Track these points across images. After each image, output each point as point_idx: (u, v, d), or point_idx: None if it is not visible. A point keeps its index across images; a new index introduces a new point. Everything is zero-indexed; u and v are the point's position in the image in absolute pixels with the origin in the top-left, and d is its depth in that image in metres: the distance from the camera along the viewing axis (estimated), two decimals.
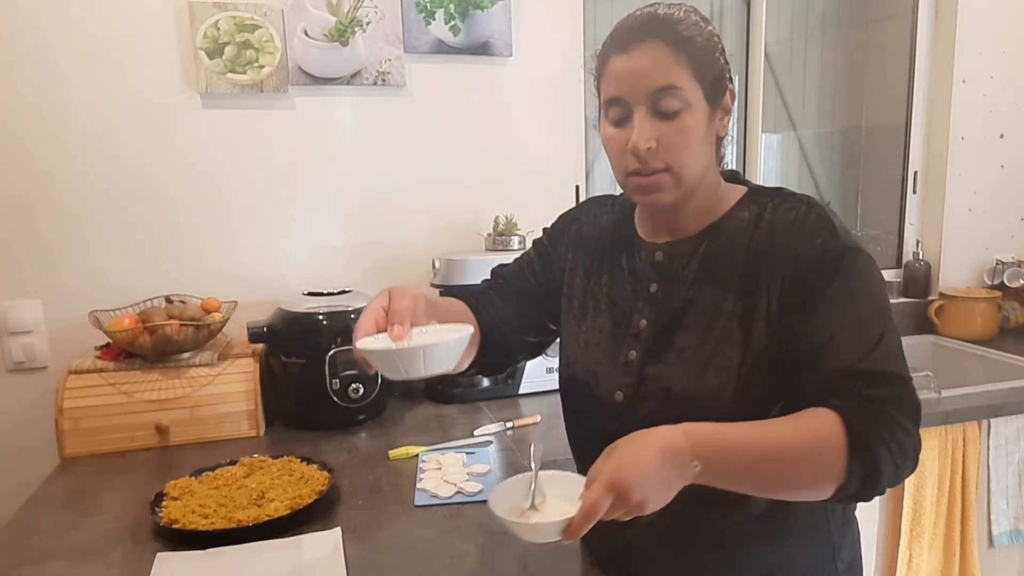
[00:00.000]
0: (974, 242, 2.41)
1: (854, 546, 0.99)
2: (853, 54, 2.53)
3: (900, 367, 0.80)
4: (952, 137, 2.34)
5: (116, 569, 1.01)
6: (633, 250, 0.97)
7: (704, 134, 0.85)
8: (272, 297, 1.69)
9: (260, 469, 1.27)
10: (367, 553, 1.04)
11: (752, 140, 2.34)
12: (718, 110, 0.87)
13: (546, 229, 1.13)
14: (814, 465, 0.75)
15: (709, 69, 0.84)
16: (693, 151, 0.84)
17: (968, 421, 1.68)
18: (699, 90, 0.83)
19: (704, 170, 0.88)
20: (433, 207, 1.89)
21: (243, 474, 1.26)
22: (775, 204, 0.87)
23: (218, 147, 1.73)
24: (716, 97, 0.86)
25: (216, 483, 1.23)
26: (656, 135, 0.82)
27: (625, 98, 0.84)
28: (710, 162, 0.89)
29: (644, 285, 0.94)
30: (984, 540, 1.76)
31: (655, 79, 0.81)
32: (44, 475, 1.36)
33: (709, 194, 0.91)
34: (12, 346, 1.65)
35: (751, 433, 0.76)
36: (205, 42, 1.66)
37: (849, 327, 0.79)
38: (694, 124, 0.83)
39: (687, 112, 0.83)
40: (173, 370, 1.51)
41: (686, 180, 0.85)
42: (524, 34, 1.88)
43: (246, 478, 1.24)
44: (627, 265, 0.97)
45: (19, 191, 1.62)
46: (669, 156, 0.83)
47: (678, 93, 0.82)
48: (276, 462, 1.30)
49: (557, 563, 1.00)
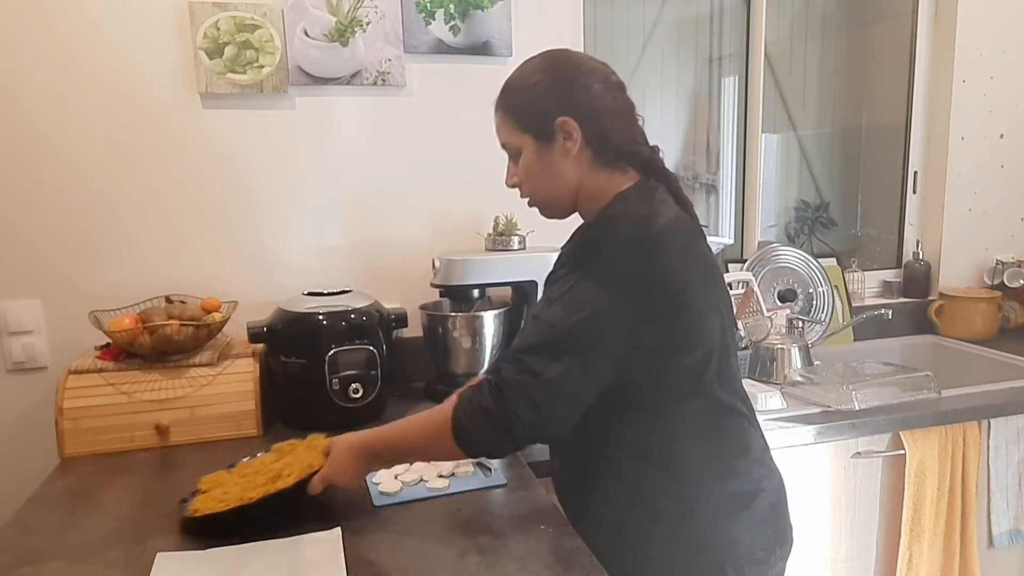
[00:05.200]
0: (974, 242, 2.42)
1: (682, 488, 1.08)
2: (853, 54, 2.53)
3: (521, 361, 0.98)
4: (952, 137, 2.34)
5: (116, 569, 1.01)
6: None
7: (541, 166, 1.07)
8: (272, 297, 1.69)
9: (290, 452, 1.24)
10: (367, 553, 1.04)
11: (752, 140, 2.34)
12: (555, 140, 1.05)
13: None
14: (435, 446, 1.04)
15: (528, 117, 1.06)
16: (537, 181, 1.09)
17: (968, 421, 1.68)
18: (526, 137, 1.07)
19: (567, 187, 1.08)
20: (433, 207, 1.89)
21: (273, 460, 1.23)
22: (607, 209, 1.06)
23: (218, 147, 1.73)
24: (544, 134, 1.05)
25: (246, 471, 1.20)
26: (516, 174, 1.12)
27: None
28: (575, 178, 1.07)
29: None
30: (984, 540, 1.76)
31: (499, 139, 1.12)
32: (44, 475, 1.36)
33: (588, 200, 1.09)
34: (12, 346, 1.65)
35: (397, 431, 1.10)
36: (205, 42, 1.66)
37: (525, 328, 1.03)
38: (528, 162, 1.08)
39: (523, 155, 1.09)
40: (173, 370, 1.51)
41: (548, 201, 1.11)
42: (524, 34, 1.88)
43: (275, 463, 1.21)
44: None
45: (19, 191, 1.62)
46: (526, 188, 1.12)
47: (511, 143, 1.10)
48: (303, 442, 1.25)
49: (557, 563, 1.00)
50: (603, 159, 1.06)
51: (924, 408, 1.67)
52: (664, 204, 1.04)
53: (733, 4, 2.32)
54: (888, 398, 1.69)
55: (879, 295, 2.47)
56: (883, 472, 1.68)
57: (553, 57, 1.08)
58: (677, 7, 2.32)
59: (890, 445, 1.66)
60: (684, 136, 2.44)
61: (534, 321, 1.01)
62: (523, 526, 1.10)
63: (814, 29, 2.47)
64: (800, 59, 2.47)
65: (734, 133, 2.39)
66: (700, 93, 2.40)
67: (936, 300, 2.34)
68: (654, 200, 1.04)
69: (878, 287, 2.49)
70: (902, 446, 1.63)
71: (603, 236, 1.02)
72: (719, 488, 1.05)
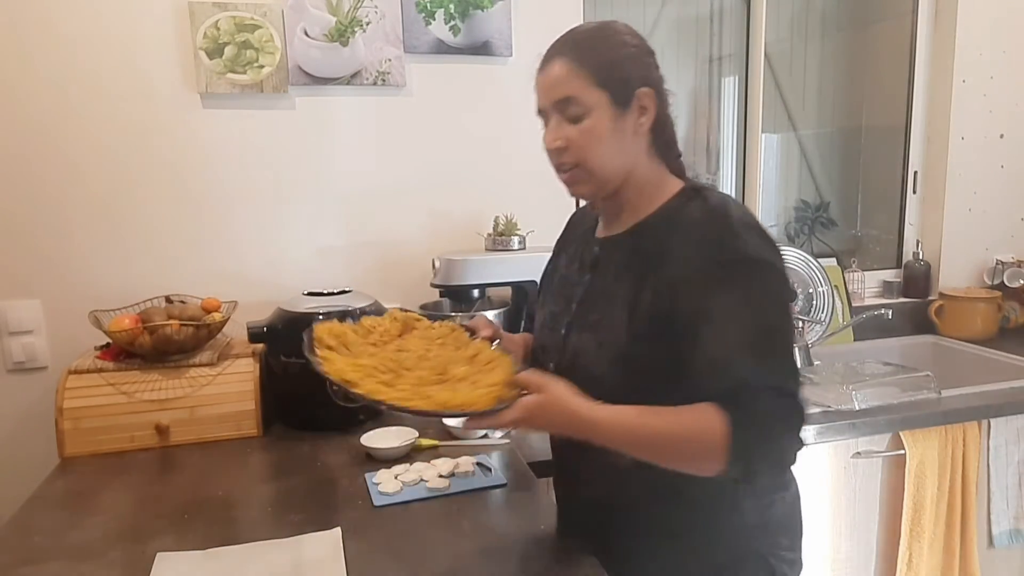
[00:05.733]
0: (974, 242, 2.41)
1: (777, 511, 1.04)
2: (853, 54, 2.53)
3: (789, 381, 0.88)
4: (952, 137, 2.34)
5: (116, 569, 1.01)
6: (588, 244, 1.11)
7: (612, 134, 0.96)
8: (272, 297, 1.69)
9: (415, 329, 1.12)
10: (367, 553, 1.04)
11: (752, 140, 2.34)
12: (631, 111, 0.96)
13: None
14: (687, 456, 0.88)
15: (614, 73, 0.95)
16: (599, 149, 0.97)
17: (968, 421, 1.68)
18: (603, 95, 0.95)
19: (623, 166, 0.99)
20: (433, 207, 1.89)
21: (397, 331, 1.11)
22: (692, 204, 0.97)
23: (218, 147, 1.73)
24: (623, 100, 0.96)
25: (371, 337, 1.08)
26: (564, 136, 0.97)
27: (543, 108, 1.01)
28: (632, 159, 0.99)
29: (584, 275, 1.07)
30: (984, 540, 1.76)
31: (557, 91, 0.97)
32: (44, 475, 1.36)
33: (638, 190, 1.01)
34: (12, 346, 1.65)
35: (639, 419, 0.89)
36: (205, 42, 1.66)
37: (739, 341, 0.87)
38: (596, 126, 0.96)
39: (589, 116, 0.96)
40: (173, 370, 1.51)
41: (597, 174, 0.98)
42: (524, 34, 1.88)
43: (400, 337, 1.10)
44: (581, 258, 1.11)
45: (19, 191, 1.62)
46: (578, 154, 0.97)
47: (578, 100, 0.95)
48: (436, 325, 1.13)
49: (557, 563, 1.00)
50: (656, 149, 1.01)
51: (924, 408, 1.67)
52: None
53: (733, 4, 2.32)
54: (888, 398, 1.69)
55: (879, 295, 2.47)
56: (883, 472, 1.68)
57: (634, 29, 1.01)
58: (677, 7, 2.32)
59: (890, 445, 1.66)
60: (684, 136, 2.44)
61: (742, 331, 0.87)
62: (523, 526, 1.10)
63: (814, 29, 2.47)
64: (800, 59, 2.47)
65: (734, 133, 2.39)
66: (700, 93, 2.40)
67: (936, 300, 2.34)
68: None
69: (878, 287, 2.49)
70: (902, 446, 1.63)
71: (731, 224, 0.91)
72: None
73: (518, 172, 1.93)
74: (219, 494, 1.26)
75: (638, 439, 0.89)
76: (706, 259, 0.90)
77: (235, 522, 1.16)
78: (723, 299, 0.87)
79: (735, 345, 0.86)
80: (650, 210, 1.00)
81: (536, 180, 1.93)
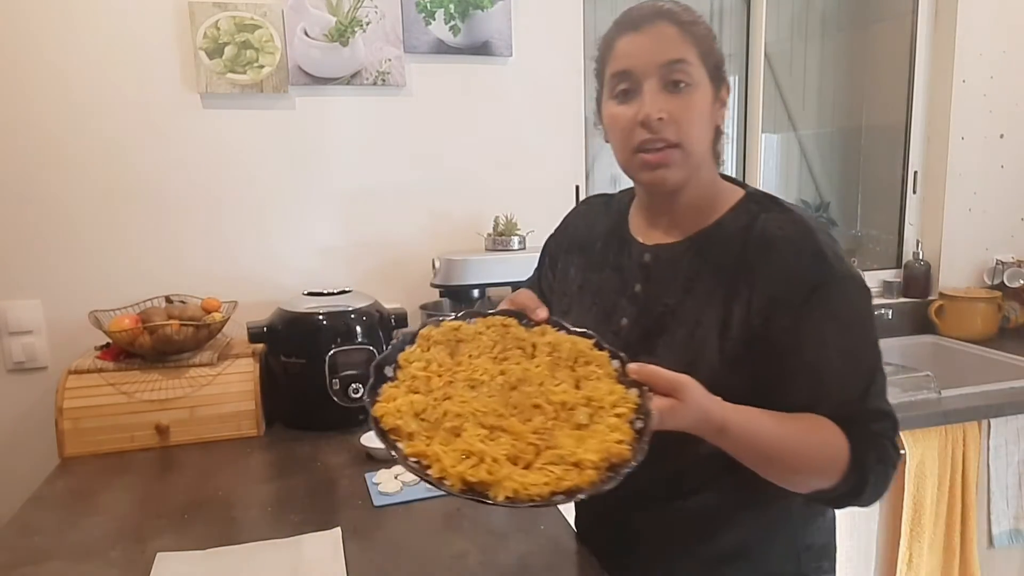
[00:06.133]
0: (974, 242, 2.41)
1: (822, 535, 1.00)
2: (853, 54, 2.53)
3: (888, 402, 0.86)
4: (952, 137, 2.34)
5: (116, 569, 1.01)
6: (623, 248, 0.98)
7: (708, 115, 0.87)
8: (272, 297, 1.69)
9: (461, 342, 0.84)
10: (367, 553, 1.04)
11: (752, 140, 2.34)
12: (716, 100, 0.89)
13: (550, 236, 1.15)
14: (812, 470, 0.82)
15: (711, 55, 0.87)
16: (699, 129, 0.86)
17: (968, 421, 1.68)
18: (704, 71, 0.86)
19: (704, 155, 0.89)
20: (433, 207, 1.89)
21: (448, 356, 0.82)
22: (768, 216, 0.88)
23: (218, 147, 1.73)
24: (717, 83, 0.88)
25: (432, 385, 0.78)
26: (666, 107, 0.84)
27: (635, 71, 0.85)
28: (708, 150, 0.90)
29: (630, 284, 0.95)
30: (984, 540, 1.76)
31: (666, 52, 0.84)
32: (44, 475, 1.36)
33: (702, 191, 0.91)
34: (12, 346, 1.65)
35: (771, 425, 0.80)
36: (205, 42, 1.66)
37: (844, 363, 0.83)
38: (701, 101, 0.86)
39: (694, 88, 0.85)
40: (173, 370, 1.51)
41: (692, 158, 0.86)
42: (524, 34, 1.88)
43: (452, 358, 0.82)
44: (615, 263, 0.98)
45: (19, 191, 1.62)
46: (679, 130, 0.84)
47: (687, 67, 0.84)
48: (480, 326, 0.87)
49: (557, 563, 1.00)
50: (714, 147, 0.94)
51: (924, 408, 1.67)
52: None
53: (733, 4, 2.32)
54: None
55: (879, 295, 2.47)
56: None
57: None
58: None
59: None
60: None
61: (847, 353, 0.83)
62: (523, 526, 1.10)
63: (814, 29, 2.47)
64: (800, 59, 2.47)
65: (734, 133, 2.39)
66: None
67: (936, 300, 2.34)
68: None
69: (878, 287, 2.48)
70: (902, 446, 1.63)
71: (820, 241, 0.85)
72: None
73: (518, 172, 1.93)
74: (219, 494, 1.26)
75: (770, 447, 0.80)
76: (802, 279, 0.82)
77: (235, 522, 1.16)
78: (824, 320, 0.82)
79: (842, 366, 0.82)
80: (712, 217, 0.91)
81: (536, 180, 1.95)
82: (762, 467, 0.81)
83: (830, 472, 0.80)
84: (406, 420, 0.73)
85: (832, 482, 0.80)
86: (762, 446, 0.80)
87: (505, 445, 0.70)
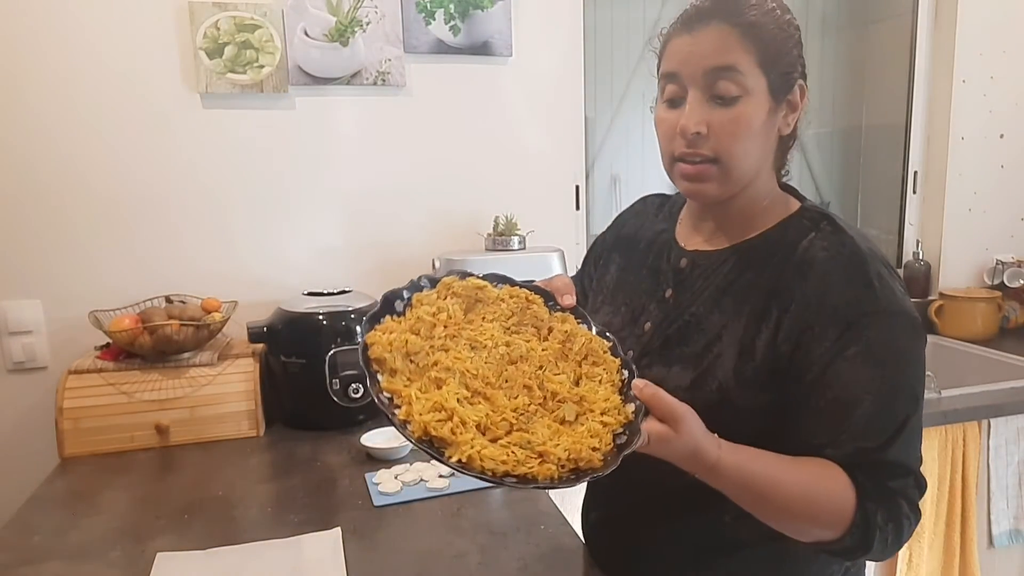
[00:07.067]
0: (974, 242, 2.41)
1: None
2: (853, 54, 2.53)
3: (917, 455, 0.79)
4: (952, 137, 2.34)
5: (116, 569, 1.01)
6: (664, 251, 0.95)
7: (761, 128, 0.81)
8: (272, 297, 1.69)
9: (479, 302, 0.83)
10: (367, 553, 1.04)
11: None
12: (782, 105, 0.83)
13: (601, 233, 1.12)
14: (811, 521, 0.76)
15: (777, 59, 0.80)
16: (745, 144, 0.80)
17: (968, 421, 1.68)
18: (762, 79, 0.79)
19: (756, 168, 0.83)
20: (433, 207, 1.89)
21: (461, 311, 0.81)
22: (817, 236, 0.82)
23: (218, 147, 1.73)
24: (781, 91, 0.81)
25: (436, 332, 0.78)
26: (708, 120, 0.79)
27: (681, 75, 0.81)
28: (764, 162, 0.85)
29: (661, 288, 0.92)
30: (984, 540, 1.76)
31: (714, 58, 0.78)
32: (44, 475, 1.36)
33: (755, 201, 0.87)
34: (12, 346, 1.65)
35: (769, 471, 0.75)
36: (205, 42, 1.66)
37: (874, 404, 0.76)
38: (751, 115, 0.79)
39: (745, 100, 0.79)
40: (173, 370, 1.51)
41: (733, 173, 0.81)
42: (524, 34, 1.88)
43: (466, 317, 0.81)
44: (652, 265, 0.95)
45: (19, 191, 1.62)
46: (719, 145, 0.80)
47: (736, 77, 0.78)
48: (504, 294, 0.85)
49: (557, 563, 1.00)
50: (780, 154, 0.88)
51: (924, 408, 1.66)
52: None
53: None
54: None
55: None
56: None
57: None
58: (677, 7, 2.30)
59: None
60: None
61: (876, 396, 0.76)
62: (523, 526, 1.10)
63: (814, 29, 2.47)
64: None
65: None
66: None
67: (936, 300, 2.34)
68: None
69: None
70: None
71: (868, 269, 0.78)
72: None
73: (518, 172, 1.93)
74: (219, 494, 1.26)
75: (765, 493, 0.74)
76: (842, 309, 0.76)
77: (235, 522, 1.16)
78: (860, 357, 0.75)
79: (871, 409, 0.75)
80: (760, 228, 0.86)
81: (536, 180, 1.95)
82: (757, 511, 0.76)
83: (832, 525, 0.74)
84: (394, 355, 0.72)
85: (834, 535, 0.75)
86: (757, 490, 0.74)
87: (480, 412, 0.70)
